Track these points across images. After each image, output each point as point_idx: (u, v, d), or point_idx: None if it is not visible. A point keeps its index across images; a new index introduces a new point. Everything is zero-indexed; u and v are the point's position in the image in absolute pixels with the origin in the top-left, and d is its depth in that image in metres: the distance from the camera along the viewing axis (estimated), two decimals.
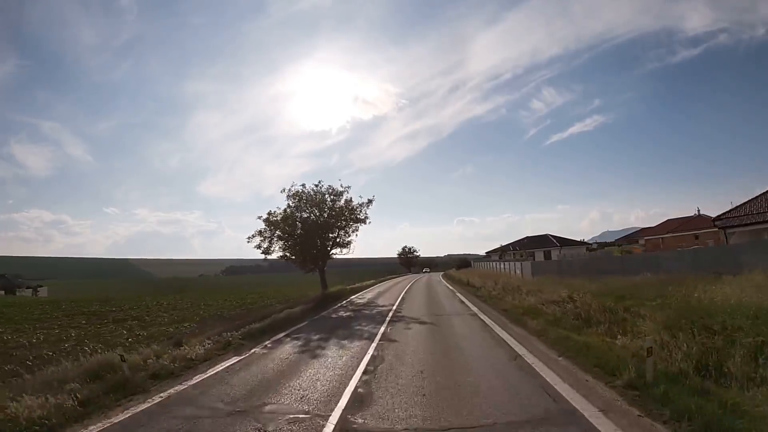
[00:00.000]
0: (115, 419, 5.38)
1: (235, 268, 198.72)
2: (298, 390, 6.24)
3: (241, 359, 8.72)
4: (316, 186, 25.86)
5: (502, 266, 36.63)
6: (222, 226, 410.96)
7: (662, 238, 49.46)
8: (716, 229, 24.82)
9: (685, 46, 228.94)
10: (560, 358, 7.23)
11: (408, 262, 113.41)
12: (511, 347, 8.48)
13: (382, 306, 19.51)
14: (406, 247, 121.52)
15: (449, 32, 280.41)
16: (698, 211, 50.14)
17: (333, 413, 5.12)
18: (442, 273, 75.02)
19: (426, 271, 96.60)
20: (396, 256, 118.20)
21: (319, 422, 4.87)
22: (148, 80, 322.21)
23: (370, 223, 26.87)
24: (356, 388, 6.19)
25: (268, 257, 25.68)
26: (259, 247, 25.19)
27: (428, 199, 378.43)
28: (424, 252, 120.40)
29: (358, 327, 12.88)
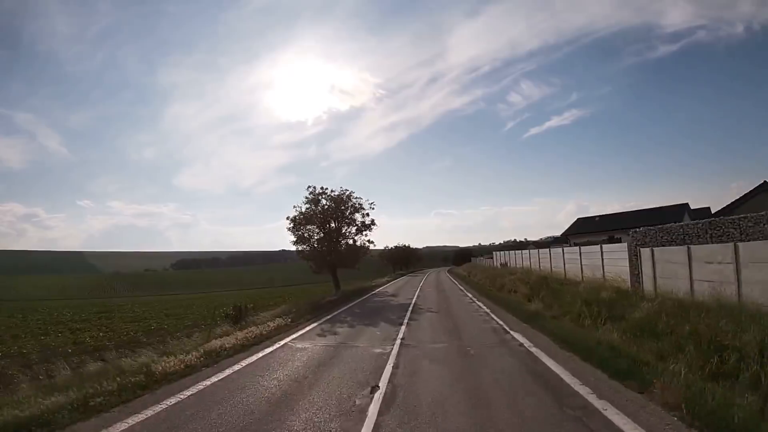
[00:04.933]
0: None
1: (187, 262, 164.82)
2: None
3: None
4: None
5: None
6: (197, 218, 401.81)
7: None
8: None
9: (663, 41, 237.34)
10: None
11: (340, 256, 25.77)
12: None
13: None
14: (344, 192, 26.13)
15: (428, 23, 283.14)
16: None
17: None
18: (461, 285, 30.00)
19: None
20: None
21: None
22: (123, 70, 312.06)
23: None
24: None
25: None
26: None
27: (406, 192, 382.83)
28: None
29: None
